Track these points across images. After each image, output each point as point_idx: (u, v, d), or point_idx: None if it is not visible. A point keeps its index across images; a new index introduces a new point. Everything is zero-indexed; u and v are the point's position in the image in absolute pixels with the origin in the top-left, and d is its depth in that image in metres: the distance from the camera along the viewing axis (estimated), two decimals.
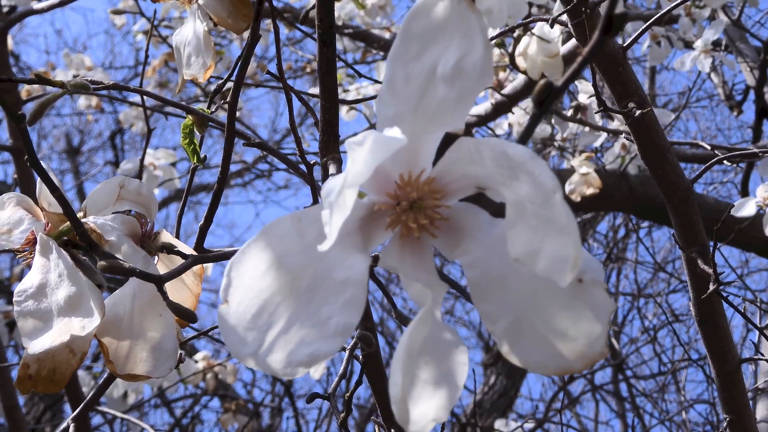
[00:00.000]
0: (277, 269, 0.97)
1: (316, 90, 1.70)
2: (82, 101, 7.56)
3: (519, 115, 5.43)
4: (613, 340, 9.61)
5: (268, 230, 0.98)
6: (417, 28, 0.96)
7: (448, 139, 1.00)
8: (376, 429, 2.01)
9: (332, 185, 0.89)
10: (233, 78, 1.76)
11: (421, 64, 0.97)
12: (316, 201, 1.74)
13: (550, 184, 0.88)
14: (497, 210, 0.99)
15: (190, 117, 1.78)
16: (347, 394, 1.71)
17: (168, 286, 1.41)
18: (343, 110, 5.87)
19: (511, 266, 0.97)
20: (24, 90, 5.85)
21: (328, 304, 0.96)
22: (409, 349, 0.94)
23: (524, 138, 0.93)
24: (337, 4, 6.47)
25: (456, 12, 0.95)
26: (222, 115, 3.85)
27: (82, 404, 1.89)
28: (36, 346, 1.26)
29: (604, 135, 4.97)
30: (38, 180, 1.43)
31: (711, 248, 2.48)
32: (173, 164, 5.60)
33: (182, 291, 1.50)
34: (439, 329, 0.98)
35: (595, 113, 4.48)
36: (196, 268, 1.50)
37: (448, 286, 1.05)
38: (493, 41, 3.29)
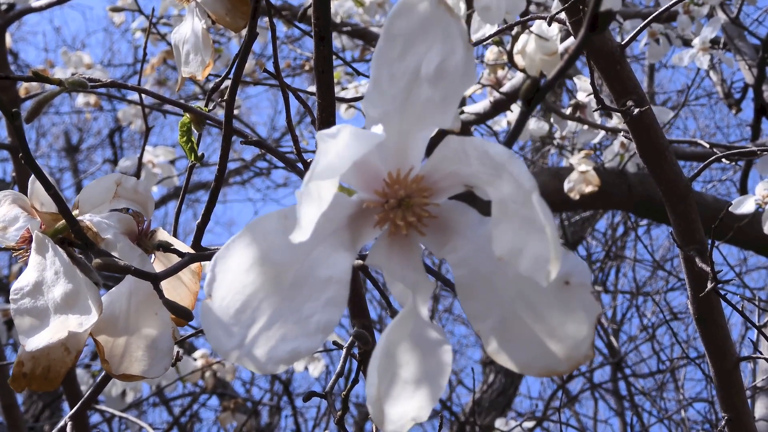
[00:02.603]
0: (262, 265, 0.97)
1: (313, 88, 1.70)
2: (80, 99, 7.55)
3: (517, 113, 5.43)
4: (612, 339, 9.62)
5: (253, 226, 0.98)
6: (399, 29, 0.96)
7: (439, 137, 1.00)
8: (374, 428, 2.00)
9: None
10: (231, 76, 1.76)
11: (405, 64, 0.97)
12: None
13: (528, 185, 0.89)
14: (488, 209, 0.99)
15: (187, 115, 1.78)
16: (344, 393, 1.71)
17: (165, 285, 1.40)
18: (342, 108, 5.87)
19: (498, 265, 0.98)
20: (22, 88, 5.85)
21: (311, 302, 0.97)
22: (387, 350, 0.94)
23: (514, 135, 0.93)
24: (335, 2, 6.47)
25: (435, 13, 0.95)
26: (220, 113, 3.85)
27: (80, 402, 1.90)
28: (33, 343, 1.26)
29: (603, 133, 4.98)
30: (30, 179, 1.42)
31: (709, 246, 2.48)
32: (172, 162, 5.59)
33: (180, 289, 1.50)
34: (423, 328, 0.98)
35: (594, 111, 4.49)
36: (195, 266, 1.50)
37: (435, 285, 1.05)
38: (491, 39, 3.29)
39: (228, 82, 1.80)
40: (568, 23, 2.44)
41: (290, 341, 0.95)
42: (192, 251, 1.47)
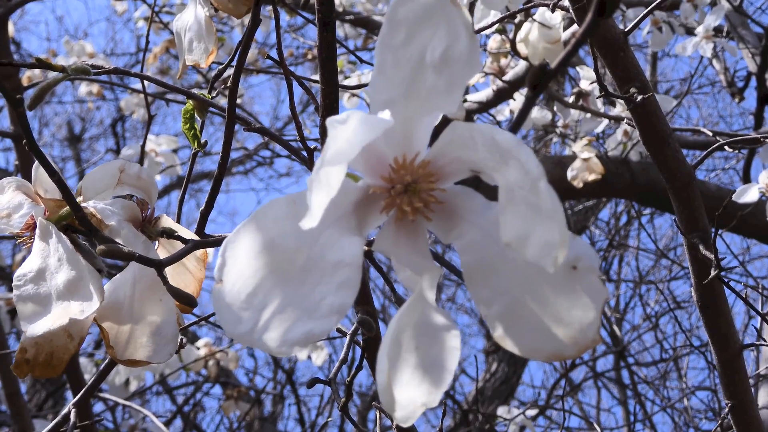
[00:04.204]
0: (272, 250, 0.97)
1: (317, 76, 1.70)
2: (83, 88, 7.55)
3: (520, 102, 5.42)
4: (615, 327, 9.64)
5: (262, 211, 0.98)
6: (402, 15, 0.96)
7: (444, 123, 1.00)
8: (378, 415, 2.01)
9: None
10: (234, 63, 1.76)
11: (410, 51, 0.97)
12: None
13: (535, 171, 0.89)
14: (494, 195, 0.99)
15: (190, 102, 1.78)
16: (348, 379, 1.71)
17: (170, 271, 1.40)
18: (345, 97, 5.86)
19: (505, 250, 0.97)
20: (25, 76, 5.86)
21: (323, 285, 0.97)
22: (397, 335, 0.94)
23: (520, 120, 0.93)
24: None
25: (438, 2, 0.95)
26: (223, 102, 3.85)
27: (83, 390, 1.89)
28: (35, 329, 1.26)
29: (606, 121, 4.97)
30: (34, 166, 1.42)
31: (713, 234, 2.48)
32: (175, 151, 5.59)
33: (184, 276, 1.50)
34: (431, 313, 0.98)
35: (597, 98, 4.48)
36: (200, 253, 1.50)
37: (442, 270, 1.05)
38: (494, 27, 3.28)
39: (231, 70, 1.80)
40: (571, 10, 2.43)
41: (304, 323, 0.95)
42: (196, 237, 1.46)
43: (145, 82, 2.62)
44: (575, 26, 3.63)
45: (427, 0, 0.95)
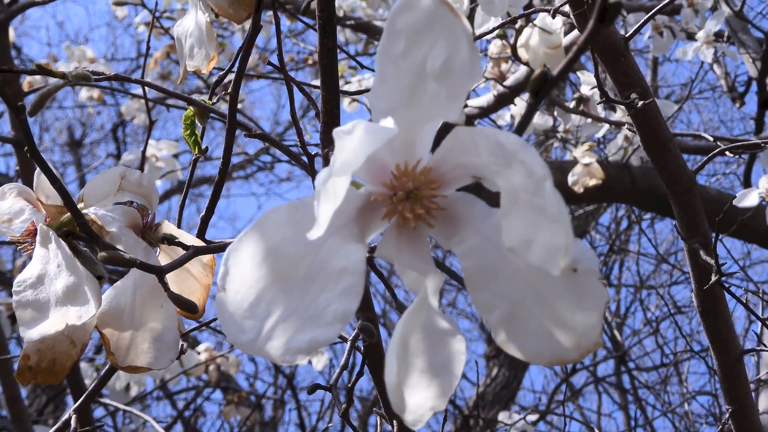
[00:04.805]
0: (274, 258, 0.97)
1: (317, 82, 1.70)
2: (83, 93, 7.55)
3: (521, 107, 5.42)
4: (616, 332, 9.63)
5: (265, 219, 0.98)
6: (401, 25, 0.96)
7: (445, 129, 1.00)
8: (379, 421, 2.01)
9: (322, 174, 0.89)
10: (234, 69, 1.76)
11: (410, 60, 0.97)
12: None
13: (540, 172, 0.89)
14: (496, 201, 0.99)
15: (191, 108, 1.78)
16: (349, 385, 1.71)
17: (173, 277, 1.41)
18: (345, 102, 5.86)
19: (506, 255, 0.97)
20: (26, 82, 5.86)
21: (326, 292, 0.97)
22: (404, 338, 0.94)
23: (522, 127, 0.93)
24: None
25: (438, 11, 0.94)
26: (224, 107, 3.85)
27: (84, 395, 1.89)
28: (33, 334, 1.26)
29: (607, 126, 4.97)
30: (36, 172, 1.42)
31: (713, 239, 2.48)
32: (175, 156, 5.58)
33: (189, 282, 1.49)
34: (435, 318, 0.98)
35: (598, 104, 4.48)
36: (207, 258, 1.49)
37: (445, 276, 1.05)
38: (495, 32, 3.28)
39: (232, 76, 1.80)
40: (572, 16, 2.43)
41: (308, 331, 0.95)
42: (197, 242, 1.46)
43: (146, 87, 2.62)
44: (576, 31, 3.63)
45: (426, 10, 0.95)
